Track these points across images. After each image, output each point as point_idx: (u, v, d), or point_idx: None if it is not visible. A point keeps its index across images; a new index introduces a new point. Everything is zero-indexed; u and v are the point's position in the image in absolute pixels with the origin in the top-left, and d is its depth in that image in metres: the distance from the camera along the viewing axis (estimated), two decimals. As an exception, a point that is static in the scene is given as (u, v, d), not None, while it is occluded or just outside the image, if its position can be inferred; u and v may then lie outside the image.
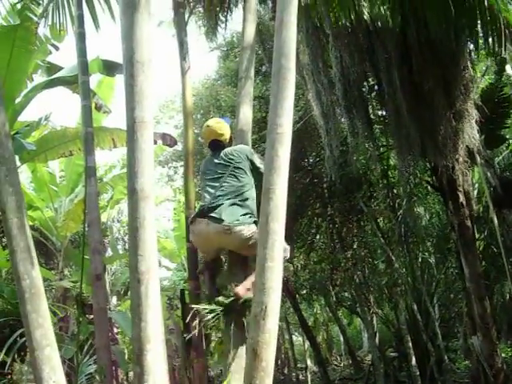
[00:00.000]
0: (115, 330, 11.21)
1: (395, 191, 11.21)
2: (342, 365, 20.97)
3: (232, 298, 4.04)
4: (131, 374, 15.49)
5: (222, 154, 4.38)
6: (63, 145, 8.23)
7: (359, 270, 12.30)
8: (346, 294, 15.41)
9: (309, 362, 16.34)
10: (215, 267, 4.44)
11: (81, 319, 9.24)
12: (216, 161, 4.38)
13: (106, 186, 11.70)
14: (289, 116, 3.42)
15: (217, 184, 4.26)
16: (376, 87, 7.60)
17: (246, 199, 4.24)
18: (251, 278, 3.88)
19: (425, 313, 11.68)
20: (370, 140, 8.03)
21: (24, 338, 5.50)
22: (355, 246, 11.97)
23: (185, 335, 4.15)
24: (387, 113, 7.34)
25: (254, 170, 4.37)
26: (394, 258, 10.98)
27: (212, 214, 4.10)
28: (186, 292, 4.76)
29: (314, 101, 7.28)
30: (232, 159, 4.33)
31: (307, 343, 16.28)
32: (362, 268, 12.28)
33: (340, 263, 12.26)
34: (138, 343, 2.86)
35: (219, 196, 4.18)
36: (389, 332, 14.34)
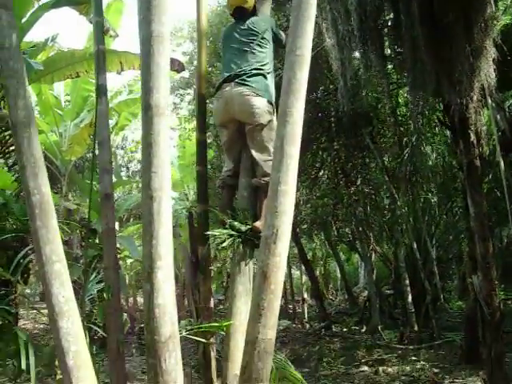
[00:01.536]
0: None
1: (402, 129, 11.14)
2: (337, 299, 21.42)
3: (249, 227, 4.12)
4: (131, 299, 15.91)
5: (247, 22, 4.41)
6: (70, 66, 8.08)
7: (361, 206, 12.35)
8: (347, 230, 15.56)
9: (306, 295, 16.65)
10: (235, 185, 4.47)
11: (84, 242, 9.34)
12: (241, 27, 4.40)
13: (111, 111, 11.56)
14: (309, 38, 3.31)
15: (242, 52, 4.33)
16: (393, 19, 7.36)
17: (268, 72, 4.33)
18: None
19: (424, 252, 11.83)
20: (383, 74, 7.91)
21: (28, 258, 5.54)
22: (359, 183, 11.97)
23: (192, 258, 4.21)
24: (402, 47, 7.14)
25: (277, 41, 4.48)
26: (397, 196, 11.01)
27: (238, 80, 4.24)
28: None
29: (329, 30, 7.12)
30: (258, 28, 4.36)
31: (304, 277, 16.54)
32: (365, 205, 12.32)
33: (343, 199, 12.32)
34: (149, 261, 2.86)
35: (246, 65, 4.27)
36: (386, 269, 14.56)
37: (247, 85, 4.22)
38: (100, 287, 4.70)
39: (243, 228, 4.13)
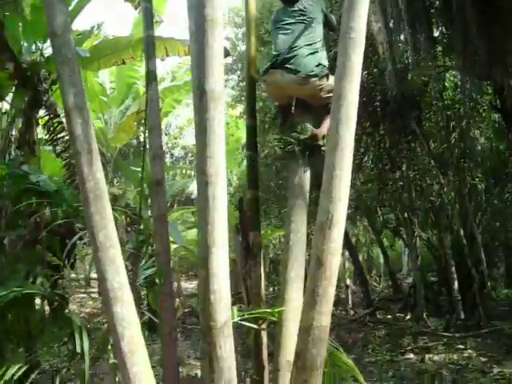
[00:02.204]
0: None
1: (449, 113, 10.88)
2: (380, 286, 21.21)
3: (309, 135, 4.16)
4: (175, 284, 16.17)
5: (297, 4, 4.36)
6: (116, 53, 8.19)
7: (406, 191, 12.15)
8: (391, 216, 15.35)
9: (348, 281, 16.54)
10: (289, 110, 4.39)
11: (130, 228, 9.45)
12: (291, 9, 4.36)
13: (155, 98, 11.69)
14: (363, 21, 3.23)
15: (292, 33, 4.26)
16: (442, 0, 7.20)
17: (320, 51, 4.25)
18: (327, 123, 3.94)
19: (470, 238, 11.56)
20: (431, 57, 7.76)
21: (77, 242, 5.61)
22: (404, 168, 11.72)
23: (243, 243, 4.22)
24: (452, 28, 6.98)
25: (327, 23, 4.41)
26: (443, 181, 10.80)
27: (287, 65, 4.15)
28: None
29: (376, 12, 7.01)
30: (308, 9, 4.32)
31: (347, 263, 16.43)
32: (410, 190, 12.09)
33: (387, 184, 12.13)
34: (205, 247, 2.84)
35: (295, 46, 4.19)
36: (431, 256, 14.30)
37: (298, 71, 4.13)
38: (151, 272, 4.74)
39: (302, 136, 4.15)
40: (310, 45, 4.22)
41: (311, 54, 4.19)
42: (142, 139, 14.56)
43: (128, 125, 10.62)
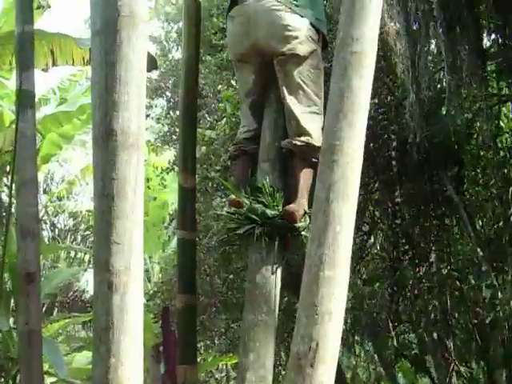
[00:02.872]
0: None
1: (506, 171, 10.86)
2: None
3: (279, 213, 4.35)
4: None
5: None
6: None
7: (437, 298, 12.01)
8: (411, 337, 15.14)
9: None
10: (255, 152, 4.72)
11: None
12: None
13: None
14: (375, 25, 3.37)
15: None
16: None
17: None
18: (305, 194, 4.36)
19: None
20: (479, 81, 7.81)
21: None
22: (433, 259, 11.69)
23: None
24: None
25: None
26: (497, 283, 10.72)
27: None
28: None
29: (392, 7, 7.10)
30: None
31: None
32: (442, 295, 11.97)
33: (405, 285, 12.03)
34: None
35: None
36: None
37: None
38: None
39: (269, 212, 4.34)
40: None
41: None
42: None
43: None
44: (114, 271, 2.82)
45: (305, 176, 4.48)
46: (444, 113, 9.67)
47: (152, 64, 7.81)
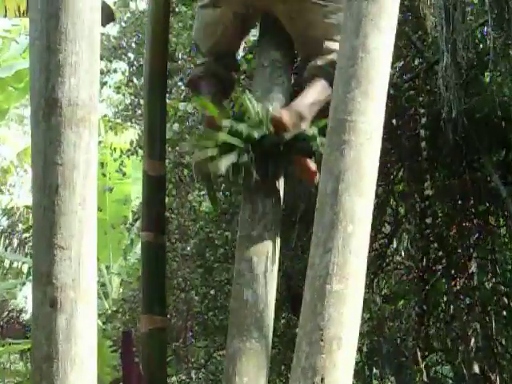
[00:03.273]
0: None
1: None
2: None
3: (269, 131, 4.42)
4: None
5: None
6: None
7: (478, 319, 11.98)
8: (446, 370, 15.10)
9: None
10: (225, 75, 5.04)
11: None
12: None
13: None
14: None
15: None
16: None
17: None
18: (309, 96, 4.51)
19: None
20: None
21: None
22: (474, 269, 11.63)
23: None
24: None
25: None
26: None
27: None
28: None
29: None
30: None
31: None
32: (485, 315, 11.94)
33: (438, 303, 12.00)
34: None
35: None
36: None
37: None
38: None
39: (257, 133, 4.37)
40: None
41: None
42: None
43: None
44: (59, 285, 2.78)
45: (316, 88, 4.53)
46: (488, 80, 9.71)
47: (108, 16, 7.76)
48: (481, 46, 9.35)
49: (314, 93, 4.41)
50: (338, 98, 3.54)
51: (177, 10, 10.58)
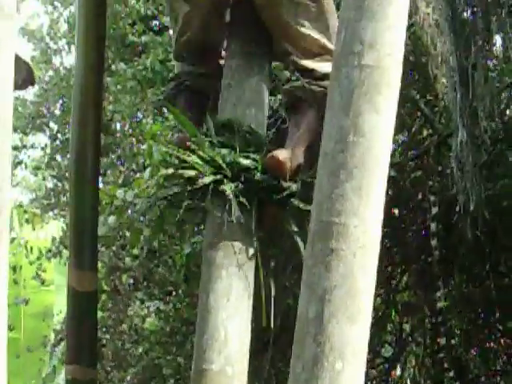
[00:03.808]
0: None
1: None
2: None
3: (257, 164, 4.98)
4: None
5: None
6: None
7: None
8: None
9: None
10: (206, 89, 5.60)
11: None
12: None
13: None
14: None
15: None
16: None
17: None
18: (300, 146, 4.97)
19: None
20: None
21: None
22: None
23: None
24: None
25: None
26: None
27: None
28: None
29: None
30: None
31: None
32: None
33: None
34: None
35: None
36: None
37: None
38: None
39: (245, 162, 4.94)
40: None
41: None
42: None
43: None
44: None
45: (308, 119, 5.19)
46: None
47: (28, 77, 8.06)
48: (507, 112, 9.63)
49: (309, 135, 5.04)
50: (322, 193, 3.82)
51: (113, 67, 10.74)
